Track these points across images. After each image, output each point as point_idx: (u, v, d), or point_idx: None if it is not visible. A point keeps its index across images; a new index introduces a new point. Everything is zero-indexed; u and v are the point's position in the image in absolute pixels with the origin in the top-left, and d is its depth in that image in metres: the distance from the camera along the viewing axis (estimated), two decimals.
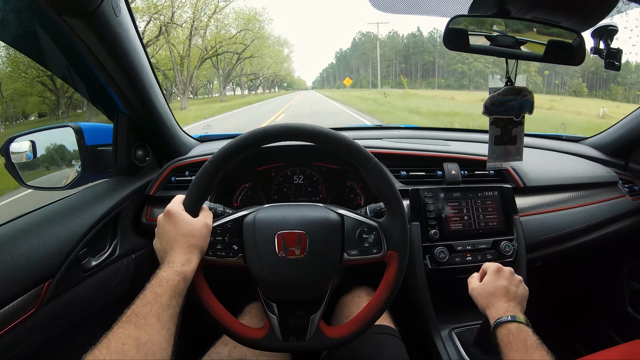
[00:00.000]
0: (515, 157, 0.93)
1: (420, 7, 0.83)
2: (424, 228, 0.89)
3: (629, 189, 1.21)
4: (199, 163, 0.94)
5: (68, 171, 1.02)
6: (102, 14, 0.68)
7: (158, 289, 0.53)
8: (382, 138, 1.22)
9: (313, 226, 0.66)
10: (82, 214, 0.83)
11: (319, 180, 1.13)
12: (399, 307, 0.84)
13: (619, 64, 0.91)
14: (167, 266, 0.57)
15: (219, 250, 0.66)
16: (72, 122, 0.96)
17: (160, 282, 0.54)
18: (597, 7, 0.83)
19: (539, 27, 0.86)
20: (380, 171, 0.67)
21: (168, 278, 0.55)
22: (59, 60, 0.85)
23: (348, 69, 64.44)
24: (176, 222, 0.62)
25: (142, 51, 0.85)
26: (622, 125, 1.27)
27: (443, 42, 0.79)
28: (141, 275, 0.93)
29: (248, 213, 0.69)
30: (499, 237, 0.92)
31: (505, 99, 0.88)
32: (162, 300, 0.52)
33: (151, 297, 0.52)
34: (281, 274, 0.65)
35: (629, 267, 1.29)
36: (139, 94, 0.88)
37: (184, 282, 0.56)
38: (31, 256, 0.70)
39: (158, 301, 0.52)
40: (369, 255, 0.67)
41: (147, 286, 0.54)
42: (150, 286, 0.54)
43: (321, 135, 0.66)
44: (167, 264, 0.57)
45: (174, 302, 0.54)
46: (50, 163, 1.04)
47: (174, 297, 0.54)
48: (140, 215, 0.99)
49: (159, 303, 0.52)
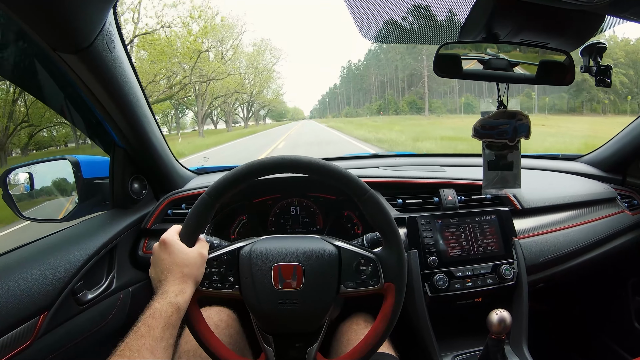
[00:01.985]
0: (513, 184, 0.92)
1: (409, 36, 0.84)
2: (422, 255, 0.89)
3: (628, 203, 1.21)
4: (196, 196, 0.94)
5: (65, 204, 1.02)
6: (96, 50, 0.69)
7: (151, 321, 0.53)
8: (379, 166, 1.23)
9: (309, 258, 0.66)
10: (78, 247, 0.83)
11: (315, 211, 1.13)
12: (399, 334, 0.83)
13: (610, 80, 0.92)
14: (160, 297, 0.57)
15: (215, 282, 0.66)
16: (70, 155, 0.97)
17: (153, 314, 0.54)
18: (584, 26, 0.84)
19: (528, 50, 0.87)
20: (376, 202, 0.67)
21: (161, 309, 0.55)
22: (56, 94, 0.87)
23: (361, 88, 60.65)
24: (171, 252, 0.62)
25: (137, 85, 0.86)
26: (617, 141, 1.27)
27: (433, 69, 0.80)
28: (138, 308, 0.91)
29: (244, 245, 0.69)
30: (498, 261, 0.91)
31: (498, 122, 0.88)
32: (155, 333, 0.52)
33: (144, 329, 0.52)
34: (277, 306, 0.65)
35: (633, 282, 1.28)
36: (134, 127, 0.89)
37: (177, 313, 0.56)
38: (27, 288, 0.70)
39: (151, 334, 0.52)
40: (366, 288, 0.67)
41: (140, 318, 0.54)
42: (143, 318, 0.54)
43: (317, 167, 0.67)
44: (160, 295, 0.57)
45: (167, 334, 0.53)
46: (47, 195, 1.04)
47: (167, 328, 0.54)
48: (137, 248, 0.98)
49: (152, 336, 0.52)
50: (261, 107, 36.36)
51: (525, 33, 0.83)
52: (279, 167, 0.67)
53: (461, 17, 0.81)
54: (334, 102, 75.14)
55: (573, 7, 0.67)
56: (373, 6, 0.78)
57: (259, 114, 39.49)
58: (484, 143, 0.89)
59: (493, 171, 0.91)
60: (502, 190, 0.93)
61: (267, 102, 34.42)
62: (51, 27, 0.60)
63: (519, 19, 0.78)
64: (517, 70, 0.87)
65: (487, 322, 0.68)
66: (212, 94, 20.16)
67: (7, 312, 0.66)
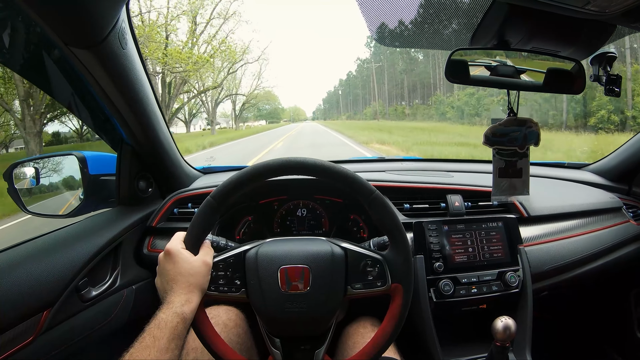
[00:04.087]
0: (522, 191, 0.92)
1: (421, 41, 0.84)
2: (428, 261, 0.89)
3: (634, 213, 1.20)
4: (202, 195, 0.94)
5: (70, 199, 1.02)
6: (109, 46, 0.69)
7: (156, 332, 0.53)
8: (385, 170, 1.23)
9: (316, 260, 0.66)
10: (83, 243, 0.83)
11: (321, 214, 1.12)
12: (404, 339, 0.83)
13: (619, 90, 0.92)
14: (166, 307, 0.57)
15: (221, 285, 0.66)
16: (76, 151, 0.97)
17: (159, 325, 0.54)
18: (595, 35, 0.84)
19: (538, 58, 0.87)
20: (382, 204, 0.67)
21: (167, 320, 0.54)
22: (65, 89, 0.86)
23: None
24: (175, 262, 0.62)
25: (147, 83, 0.86)
26: (624, 150, 1.27)
27: (445, 74, 0.80)
28: (141, 306, 0.92)
29: (250, 248, 0.69)
30: (504, 268, 0.91)
31: (508, 129, 0.88)
32: (161, 344, 0.52)
33: (150, 340, 0.52)
34: (284, 309, 0.64)
35: (636, 292, 1.27)
36: (143, 125, 0.89)
37: (183, 324, 0.56)
38: (31, 284, 0.70)
39: (156, 345, 0.51)
40: (374, 289, 0.67)
41: (145, 328, 0.54)
42: (149, 329, 0.53)
43: (323, 169, 0.67)
44: (166, 305, 0.57)
45: (172, 345, 0.53)
46: (52, 190, 1.04)
47: (172, 339, 0.53)
48: (141, 246, 0.98)
49: (158, 347, 0.51)
50: (226, 99, 25.29)
51: (537, 41, 0.83)
52: (285, 169, 0.67)
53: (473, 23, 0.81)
54: (345, 100, 69.75)
55: (585, 16, 0.67)
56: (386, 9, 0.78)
57: (241, 115, 30.29)
58: (494, 150, 0.89)
59: (502, 178, 0.90)
60: (511, 196, 0.93)
61: (250, 97, 25.34)
62: (65, 21, 0.61)
63: (530, 27, 0.78)
64: (528, 77, 0.87)
65: (492, 329, 0.68)
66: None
67: (11, 307, 0.66)
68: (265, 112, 49.44)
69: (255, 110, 37.41)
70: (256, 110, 38.90)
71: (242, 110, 30.73)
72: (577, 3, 0.63)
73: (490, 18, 0.79)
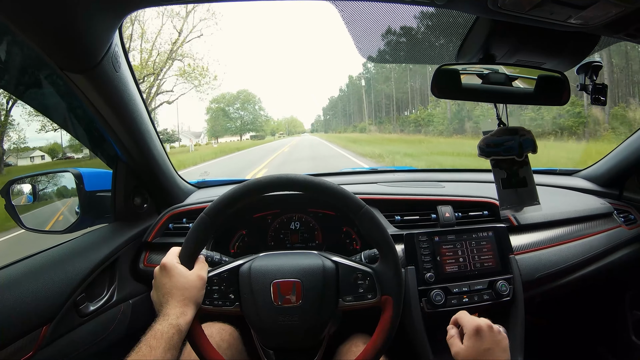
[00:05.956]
0: (531, 201, 0.90)
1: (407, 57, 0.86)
2: (419, 272, 0.90)
3: (625, 218, 1.21)
4: (196, 211, 0.96)
5: (67, 215, 1.04)
6: (103, 70, 0.71)
7: (152, 342, 0.54)
8: (377, 182, 1.24)
9: (307, 274, 0.68)
10: (80, 259, 0.84)
11: (314, 226, 1.14)
12: (396, 349, 0.83)
13: (605, 99, 0.93)
14: (162, 319, 0.58)
15: (215, 300, 0.68)
16: (72, 168, 0.99)
17: (155, 335, 0.55)
18: (580, 46, 0.86)
19: (524, 70, 0.89)
20: (371, 218, 0.69)
21: (163, 331, 0.56)
22: (61, 110, 0.89)
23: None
24: (171, 276, 0.64)
25: (141, 103, 0.88)
26: (615, 155, 1.28)
27: (431, 91, 0.82)
28: (138, 320, 0.93)
29: (244, 262, 0.71)
30: (495, 277, 0.92)
31: (501, 139, 0.89)
32: (157, 354, 0.53)
33: (146, 350, 0.53)
34: (277, 321, 0.66)
35: (630, 295, 1.28)
36: (137, 143, 0.90)
37: (178, 335, 0.57)
38: (30, 300, 0.71)
39: (152, 354, 0.53)
40: (364, 301, 0.68)
41: (142, 339, 0.55)
42: (145, 339, 0.55)
43: (312, 185, 0.70)
44: (162, 317, 0.59)
45: (168, 355, 0.55)
46: (49, 207, 1.06)
47: (168, 349, 0.55)
48: (138, 261, 1.00)
49: (153, 356, 0.53)
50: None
51: (522, 54, 0.84)
52: (275, 185, 0.70)
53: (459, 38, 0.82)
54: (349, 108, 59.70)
55: (568, 28, 0.69)
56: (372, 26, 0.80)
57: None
58: (492, 161, 0.89)
59: (508, 189, 0.90)
60: (521, 209, 0.92)
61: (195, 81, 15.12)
62: (60, 47, 0.62)
63: (515, 41, 0.80)
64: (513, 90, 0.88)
65: None
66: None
67: (9, 324, 0.67)
68: (241, 124, 32.65)
69: (221, 117, 23.59)
70: (223, 116, 24.39)
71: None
72: (559, 17, 0.65)
73: (476, 32, 0.80)
